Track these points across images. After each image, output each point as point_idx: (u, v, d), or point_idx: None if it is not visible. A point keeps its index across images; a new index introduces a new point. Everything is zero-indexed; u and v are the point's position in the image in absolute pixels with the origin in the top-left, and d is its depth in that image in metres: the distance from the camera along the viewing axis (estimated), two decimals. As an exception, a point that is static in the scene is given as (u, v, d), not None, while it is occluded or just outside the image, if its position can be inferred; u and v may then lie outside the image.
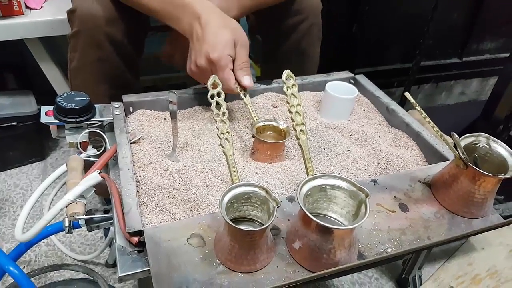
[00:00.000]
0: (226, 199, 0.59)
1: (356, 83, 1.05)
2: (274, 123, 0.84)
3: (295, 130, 0.69)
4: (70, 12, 0.92)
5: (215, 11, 0.84)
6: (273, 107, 0.97)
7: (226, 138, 0.67)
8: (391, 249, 0.65)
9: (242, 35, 0.84)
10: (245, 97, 0.87)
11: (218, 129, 0.67)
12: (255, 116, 0.86)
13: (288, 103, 0.70)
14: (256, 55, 1.89)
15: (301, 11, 1.05)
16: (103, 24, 0.90)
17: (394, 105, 0.97)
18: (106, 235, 1.19)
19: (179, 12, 0.85)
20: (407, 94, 0.72)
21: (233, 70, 0.84)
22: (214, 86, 0.72)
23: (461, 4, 1.85)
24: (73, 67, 0.97)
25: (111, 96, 0.98)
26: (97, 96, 0.89)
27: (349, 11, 1.63)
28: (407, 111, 0.96)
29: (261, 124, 0.84)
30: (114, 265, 1.15)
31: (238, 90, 0.85)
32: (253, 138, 0.82)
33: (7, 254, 0.85)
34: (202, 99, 0.96)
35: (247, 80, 0.85)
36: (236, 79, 0.84)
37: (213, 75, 0.72)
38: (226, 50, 0.81)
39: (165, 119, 0.91)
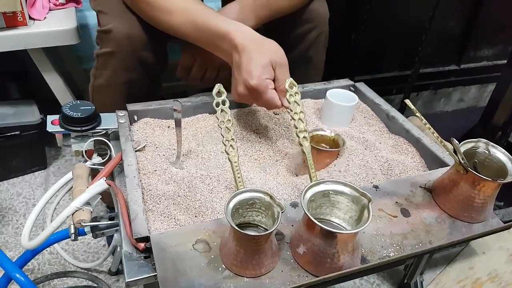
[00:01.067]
0: (231, 204, 0.60)
1: (356, 91, 1.06)
2: (321, 132, 0.86)
3: (298, 137, 0.70)
4: (104, 32, 0.91)
5: (251, 36, 0.83)
6: (275, 114, 0.98)
7: (231, 145, 0.68)
8: (393, 254, 0.66)
9: (279, 55, 0.83)
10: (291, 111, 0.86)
11: (223, 136, 0.68)
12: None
13: (291, 110, 0.71)
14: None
15: (311, 20, 1.06)
16: (139, 48, 0.91)
17: (394, 112, 0.98)
18: (109, 243, 1.20)
19: (216, 41, 0.85)
20: (407, 101, 0.74)
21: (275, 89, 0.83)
22: (219, 94, 0.73)
23: (459, 11, 1.88)
24: (98, 84, 0.98)
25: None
26: None
27: (348, 19, 1.65)
28: (406, 117, 0.98)
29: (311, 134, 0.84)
30: (117, 272, 1.16)
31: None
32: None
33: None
34: (205, 107, 0.97)
35: (287, 102, 0.82)
36: None
37: (218, 84, 0.74)
38: (263, 75, 0.80)
39: (168, 127, 0.92)
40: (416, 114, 0.72)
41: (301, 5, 1.02)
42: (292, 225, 0.68)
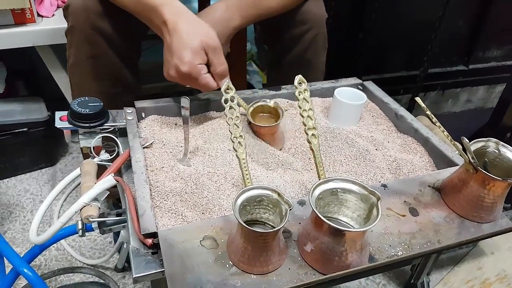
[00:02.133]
0: (239, 201, 0.60)
1: (365, 89, 1.06)
2: (262, 103, 0.88)
3: (306, 134, 0.70)
4: (65, 9, 0.92)
5: (183, 15, 0.82)
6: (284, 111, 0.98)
7: (239, 142, 0.68)
8: (401, 253, 0.66)
9: (211, 38, 0.81)
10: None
11: (231, 133, 0.68)
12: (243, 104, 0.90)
13: (300, 107, 0.71)
14: (262, 63, 1.91)
15: (306, 21, 1.05)
16: (95, 18, 0.90)
17: (403, 111, 0.97)
18: (115, 239, 1.20)
19: (150, 14, 0.84)
20: (417, 99, 0.73)
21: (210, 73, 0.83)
22: (228, 90, 0.73)
23: (467, 11, 1.87)
24: (70, 64, 0.98)
25: (111, 95, 0.99)
26: (95, 93, 0.89)
27: (355, 18, 1.65)
28: (415, 117, 0.97)
29: (251, 108, 0.88)
30: (123, 269, 1.16)
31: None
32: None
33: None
34: (212, 105, 0.97)
35: (223, 84, 0.80)
36: None
37: (227, 80, 0.73)
38: (195, 60, 0.79)
39: (176, 124, 0.92)
40: (427, 112, 0.71)
41: (293, 5, 1.01)
42: (300, 223, 0.68)
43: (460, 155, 0.73)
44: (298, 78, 0.73)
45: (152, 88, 1.67)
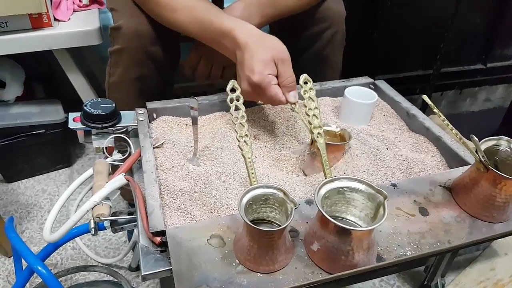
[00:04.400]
0: (244, 200, 0.60)
1: (376, 88, 1.05)
2: (327, 128, 0.85)
3: (312, 133, 0.70)
4: (114, 29, 0.93)
5: (254, 34, 0.84)
6: (292, 110, 0.98)
7: (244, 141, 0.69)
8: (410, 252, 0.65)
9: (282, 51, 0.83)
10: (295, 105, 0.85)
11: (237, 132, 0.69)
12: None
13: (305, 106, 0.71)
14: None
15: (325, 19, 1.05)
16: (147, 44, 0.92)
17: (415, 110, 0.96)
18: (129, 239, 1.22)
19: (221, 39, 0.85)
20: (425, 97, 0.73)
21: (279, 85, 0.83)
22: (233, 90, 0.74)
23: (484, 8, 1.83)
24: (112, 82, 0.99)
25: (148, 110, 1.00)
26: (132, 109, 0.91)
27: (368, 16, 1.64)
28: (428, 116, 0.96)
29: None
30: (137, 268, 1.18)
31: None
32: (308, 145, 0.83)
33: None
34: (222, 106, 0.98)
35: (292, 97, 0.83)
36: None
37: (232, 80, 0.74)
38: (265, 71, 0.80)
39: (186, 125, 0.93)
40: (434, 110, 0.71)
41: (311, 4, 1.01)
42: (307, 222, 0.68)
43: (471, 154, 0.72)
44: (303, 77, 0.73)
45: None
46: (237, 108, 0.71)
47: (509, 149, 0.72)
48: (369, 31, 1.65)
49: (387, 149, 0.89)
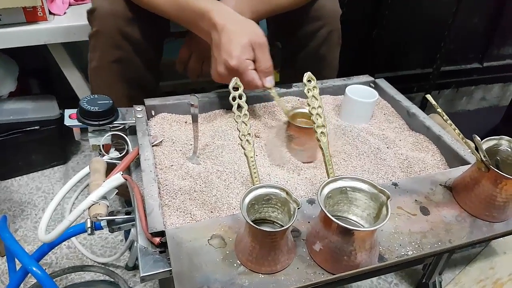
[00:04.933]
0: (247, 200, 0.59)
1: (376, 87, 1.05)
2: (302, 110, 0.85)
3: (315, 132, 0.69)
4: (90, 12, 0.93)
5: (231, 16, 0.84)
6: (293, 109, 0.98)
7: (247, 140, 0.68)
8: (412, 252, 0.65)
9: (259, 37, 0.83)
10: (271, 91, 0.88)
11: (239, 131, 0.68)
12: (284, 106, 0.87)
13: (309, 105, 0.70)
14: (275, 61, 1.90)
15: (320, 18, 1.05)
16: (122, 24, 0.92)
17: (415, 109, 0.96)
18: (126, 238, 1.20)
19: (197, 20, 0.85)
20: (428, 96, 0.72)
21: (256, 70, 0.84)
22: (236, 88, 0.73)
23: (482, 8, 1.84)
24: (93, 67, 0.99)
25: (131, 97, 1.00)
26: (117, 96, 0.90)
27: (369, 15, 1.63)
28: (428, 115, 0.96)
29: (291, 112, 0.85)
30: (134, 268, 1.17)
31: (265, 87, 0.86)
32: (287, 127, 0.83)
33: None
34: (222, 103, 0.97)
35: (268, 82, 0.86)
36: None
37: (235, 77, 0.73)
38: (243, 55, 0.81)
39: (185, 122, 0.92)
40: (438, 109, 0.70)
41: (305, 1, 1.00)
42: (309, 222, 0.67)
43: (472, 153, 0.72)
44: (307, 75, 0.72)
45: (163, 86, 1.67)
46: (239, 106, 0.70)
47: (509, 149, 0.72)
48: (369, 30, 1.64)
49: (387, 148, 0.88)
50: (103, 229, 0.76)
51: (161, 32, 1.02)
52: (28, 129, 1.39)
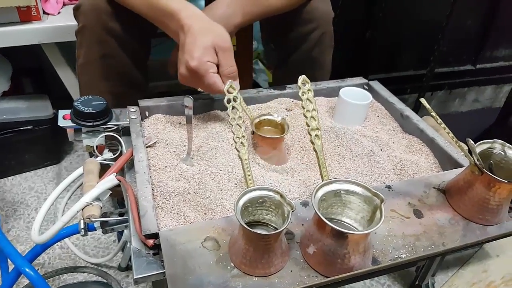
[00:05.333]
0: (241, 202, 0.59)
1: (370, 89, 1.05)
2: (269, 117, 0.85)
3: (310, 135, 0.69)
4: (76, 9, 0.93)
5: (199, 17, 0.83)
6: (287, 110, 0.98)
7: (241, 142, 0.68)
8: (405, 255, 0.65)
9: (224, 40, 0.82)
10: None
11: (234, 133, 0.68)
12: (249, 113, 0.87)
13: (303, 108, 0.70)
14: (269, 62, 1.90)
15: (312, 20, 1.05)
16: (106, 19, 0.91)
17: (409, 111, 0.96)
18: (119, 238, 1.20)
19: (166, 20, 0.85)
20: (422, 100, 0.72)
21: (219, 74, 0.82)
22: (230, 90, 0.73)
23: (476, 11, 1.85)
24: (80, 64, 0.99)
25: (120, 94, 0.99)
26: (103, 93, 0.90)
27: (363, 17, 1.64)
28: (421, 117, 0.96)
29: (257, 120, 0.85)
30: (126, 268, 1.16)
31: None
32: (252, 135, 0.83)
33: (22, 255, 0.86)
34: (216, 104, 0.97)
35: (227, 84, 0.83)
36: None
37: (230, 81, 0.73)
38: (204, 57, 0.79)
39: (180, 123, 0.92)
40: (431, 113, 0.70)
41: (296, 4, 1.00)
42: (303, 225, 0.67)
43: (465, 156, 0.72)
44: (302, 78, 0.72)
45: (158, 86, 1.67)
46: (233, 108, 0.70)
47: (503, 152, 0.73)
48: (364, 32, 1.65)
49: (381, 150, 0.88)
50: (96, 230, 0.76)
51: (147, 29, 1.00)
52: (21, 128, 1.38)
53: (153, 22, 0.89)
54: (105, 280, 0.99)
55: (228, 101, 0.71)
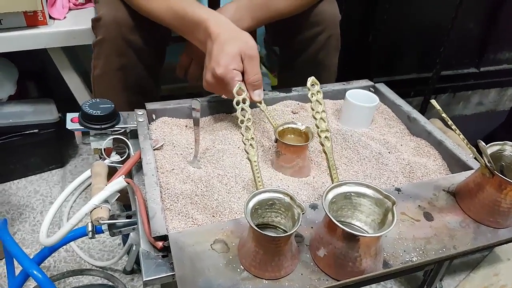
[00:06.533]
0: (250, 204, 0.59)
1: (376, 92, 1.05)
2: (293, 125, 0.84)
3: (319, 136, 0.69)
4: (95, 20, 0.93)
5: (226, 26, 0.83)
6: (293, 113, 0.97)
7: (250, 144, 0.67)
8: (416, 258, 0.64)
9: (251, 48, 0.82)
10: (261, 104, 0.87)
11: (243, 135, 0.67)
12: (273, 121, 0.86)
13: (313, 109, 0.70)
14: (272, 65, 1.90)
15: (319, 23, 1.05)
16: (126, 32, 0.92)
17: (416, 114, 0.96)
18: (124, 242, 1.20)
19: (193, 29, 0.85)
20: (433, 102, 0.72)
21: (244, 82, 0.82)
22: (239, 92, 0.72)
23: (479, 13, 1.85)
24: (96, 75, 0.99)
25: (132, 103, 0.99)
26: (119, 103, 0.90)
27: (366, 19, 1.64)
28: (428, 119, 0.96)
29: (281, 128, 0.83)
30: (131, 271, 1.16)
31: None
32: (275, 143, 0.82)
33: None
34: (223, 107, 0.96)
35: (256, 96, 0.84)
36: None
37: (239, 83, 0.73)
38: (231, 65, 0.80)
39: (186, 126, 0.92)
40: (442, 114, 0.70)
41: (304, 7, 1.00)
42: (312, 227, 0.66)
43: (475, 158, 0.72)
44: (311, 79, 0.72)
45: (164, 89, 1.67)
46: (242, 110, 0.70)
47: (513, 154, 0.72)
48: (367, 34, 1.64)
49: (389, 153, 0.88)
50: (104, 232, 0.76)
51: (163, 38, 1.02)
52: (27, 132, 1.38)
53: (176, 31, 0.89)
54: (111, 283, 0.99)
55: (237, 103, 0.70)
